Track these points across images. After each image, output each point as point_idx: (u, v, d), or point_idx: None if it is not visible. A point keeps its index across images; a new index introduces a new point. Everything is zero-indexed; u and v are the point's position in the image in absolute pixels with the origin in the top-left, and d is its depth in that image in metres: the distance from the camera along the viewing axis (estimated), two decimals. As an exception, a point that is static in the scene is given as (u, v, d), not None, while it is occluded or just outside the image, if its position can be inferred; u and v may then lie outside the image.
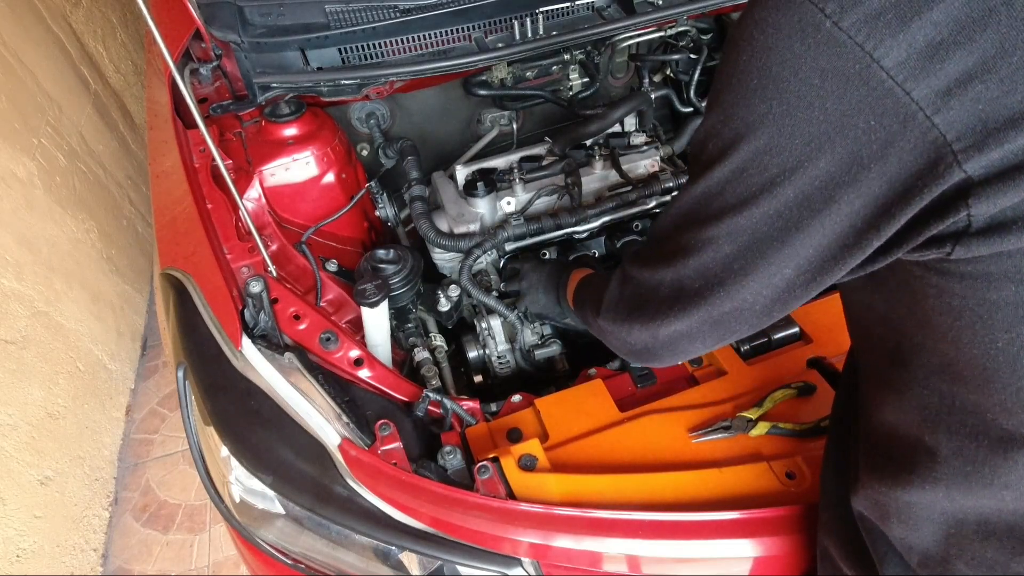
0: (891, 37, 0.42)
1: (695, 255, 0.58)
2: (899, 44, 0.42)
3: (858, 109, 0.44)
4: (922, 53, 0.41)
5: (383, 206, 1.47)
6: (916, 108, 0.43)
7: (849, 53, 0.43)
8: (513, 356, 1.29)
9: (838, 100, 0.45)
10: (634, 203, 1.33)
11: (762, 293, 0.57)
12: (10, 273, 1.82)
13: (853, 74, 0.43)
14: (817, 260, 0.53)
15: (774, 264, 0.54)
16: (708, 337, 0.63)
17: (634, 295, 0.68)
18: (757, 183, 0.51)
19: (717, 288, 0.58)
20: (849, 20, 0.43)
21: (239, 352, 0.98)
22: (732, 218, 0.54)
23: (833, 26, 0.43)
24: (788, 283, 0.55)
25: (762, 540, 0.83)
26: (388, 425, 0.93)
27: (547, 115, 1.70)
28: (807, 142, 0.47)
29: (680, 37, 1.52)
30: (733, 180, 0.53)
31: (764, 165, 0.50)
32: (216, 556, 1.97)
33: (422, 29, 1.32)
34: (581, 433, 0.96)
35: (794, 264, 0.54)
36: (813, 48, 0.44)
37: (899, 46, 0.42)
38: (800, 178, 0.49)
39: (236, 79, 1.37)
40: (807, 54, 0.45)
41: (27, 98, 2.08)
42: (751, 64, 0.49)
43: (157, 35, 0.85)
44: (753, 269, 0.55)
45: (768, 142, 0.49)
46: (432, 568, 0.89)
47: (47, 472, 1.83)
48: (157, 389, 2.44)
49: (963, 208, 0.44)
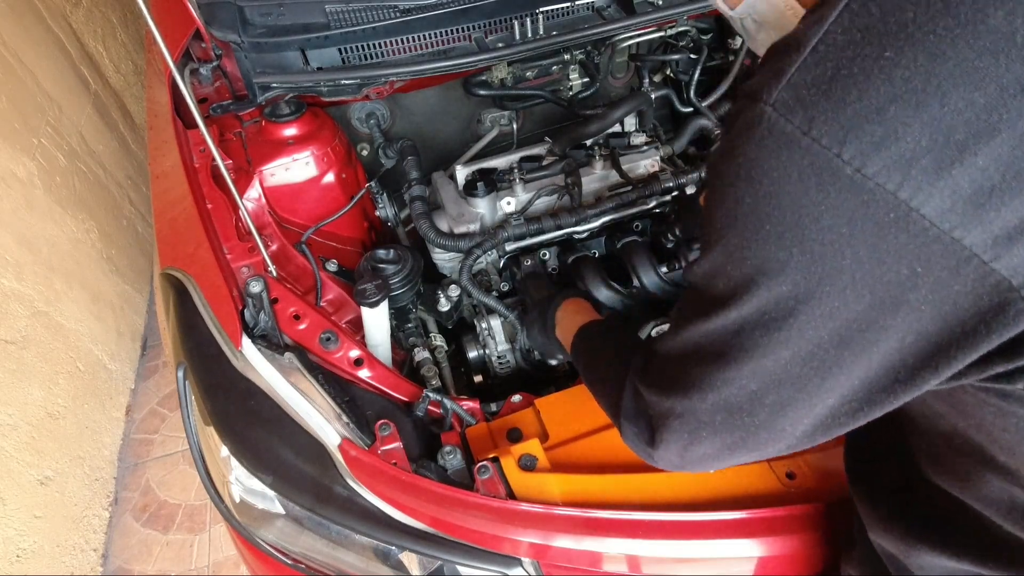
0: (929, 184, 0.36)
1: (713, 392, 0.51)
2: (940, 191, 0.36)
3: (898, 256, 0.39)
4: (970, 200, 0.36)
5: (383, 206, 1.47)
6: (971, 254, 0.37)
7: (880, 201, 0.37)
8: (513, 356, 1.29)
9: (872, 248, 0.39)
10: (634, 203, 1.32)
11: (802, 422, 0.50)
12: (10, 273, 1.82)
13: (888, 222, 0.38)
14: (864, 392, 0.47)
15: (814, 396, 0.48)
16: (739, 456, 0.56)
17: (649, 417, 0.60)
18: (783, 327, 0.45)
19: (744, 422, 0.51)
20: (875, 166, 0.37)
21: (239, 352, 0.98)
22: (756, 360, 0.48)
23: (856, 172, 0.37)
24: (831, 411, 0.49)
25: (762, 540, 0.83)
26: (388, 425, 0.93)
27: (547, 115, 1.70)
28: (840, 289, 0.41)
29: (680, 37, 1.52)
30: (753, 323, 0.46)
31: (790, 310, 0.44)
32: (216, 556, 1.97)
33: (422, 29, 1.32)
34: (581, 433, 0.96)
35: (838, 395, 0.47)
36: (835, 196, 0.38)
37: (940, 193, 0.36)
38: (834, 321, 0.43)
39: (236, 79, 1.37)
40: (827, 202, 0.39)
41: (27, 98, 2.08)
42: (759, 209, 0.42)
43: (157, 35, 0.85)
44: (790, 403, 0.49)
45: (793, 288, 0.43)
46: (432, 568, 0.89)
47: (47, 472, 1.83)
48: (157, 389, 2.44)
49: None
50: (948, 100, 0.35)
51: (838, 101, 0.38)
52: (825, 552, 0.84)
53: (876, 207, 0.38)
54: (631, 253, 1.29)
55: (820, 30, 0.39)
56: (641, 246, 1.30)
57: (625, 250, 1.30)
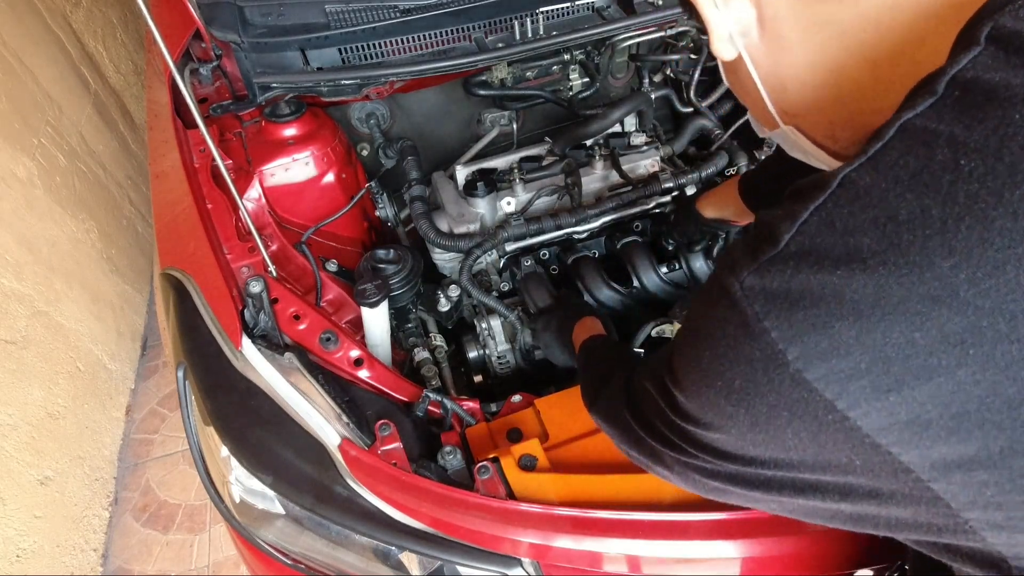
0: (866, 403, 0.37)
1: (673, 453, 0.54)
2: (877, 411, 0.37)
3: (836, 448, 0.39)
4: (906, 426, 0.37)
5: (383, 206, 1.47)
6: (908, 468, 0.38)
7: (819, 403, 0.38)
8: (513, 356, 1.29)
9: (812, 436, 0.40)
10: (634, 203, 1.33)
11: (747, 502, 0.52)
12: (10, 273, 1.82)
13: (827, 421, 0.38)
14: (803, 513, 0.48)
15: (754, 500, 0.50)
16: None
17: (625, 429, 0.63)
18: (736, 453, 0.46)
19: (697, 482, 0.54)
20: (815, 374, 0.38)
21: (239, 352, 0.98)
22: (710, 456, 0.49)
23: (797, 373, 0.38)
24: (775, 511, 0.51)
25: (762, 541, 0.83)
26: (388, 425, 0.93)
27: (547, 115, 1.70)
28: (786, 451, 0.42)
29: (680, 37, 1.52)
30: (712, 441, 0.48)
31: (742, 447, 0.45)
32: (216, 556, 1.97)
33: (422, 29, 1.32)
34: (581, 433, 0.96)
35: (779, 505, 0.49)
36: (778, 384, 0.39)
37: (877, 413, 0.37)
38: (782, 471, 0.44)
39: (236, 79, 1.37)
40: (771, 386, 0.40)
41: (27, 98, 2.08)
42: (713, 371, 0.44)
43: (157, 35, 0.85)
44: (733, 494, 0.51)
45: (743, 435, 0.44)
46: (432, 568, 0.89)
47: (47, 472, 1.83)
48: (157, 389, 2.44)
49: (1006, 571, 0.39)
50: (890, 334, 0.36)
51: (793, 303, 0.38)
52: (825, 552, 0.84)
53: (815, 406, 0.38)
54: (631, 253, 1.29)
55: (792, 228, 0.39)
56: (641, 246, 1.30)
57: (625, 250, 1.30)
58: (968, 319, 0.34)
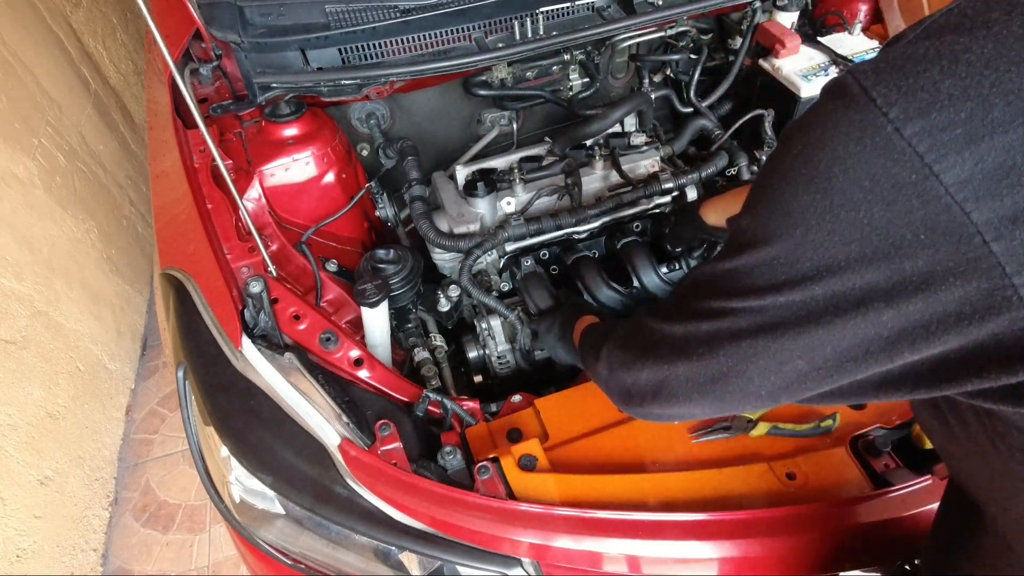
0: (956, 153, 0.39)
1: (708, 321, 0.56)
2: (964, 161, 0.39)
3: (907, 220, 0.42)
4: (989, 175, 0.39)
5: (383, 206, 1.47)
6: (974, 231, 0.40)
7: (907, 161, 0.41)
8: (513, 356, 1.29)
9: (886, 207, 0.42)
10: (634, 203, 1.33)
11: (768, 378, 0.54)
12: (10, 273, 1.82)
13: (908, 184, 0.41)
14: (835, 359, 0.50)
15: (786, 351, 0.51)
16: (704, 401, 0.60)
17: (643, 339, 0.66)
18: (786, 274, 0.49)
19: (723, 358, 0.56)
20: (912, 129, 0.40)
21: (239, 352, 0.98)
22: (753, 299, 0.51)
23: (894, 131, 0.41)
24: (800, 375, 0.52)
25: (762, 541, 0.83)
26: (388, 425, 0.93)
27: (547, 115, 1.70)
28: (846, 244, 0.45)
29: (680, 37, 1.52)
30: (763, 266, 0.51)
31: (797, 258, 0.48)
32: (216, 556, 1.97)
33: (422, 29, 1.32)
34: (581, 433, 0.96)
35: (808, 358, 0.51)
36: (870, 150, 0.42)
37: (964, 163, 0.39)
38: (833, 279, 0.46)
39: (236, 79, 1.37)
40: (861, 154, 0.42)
41: (27, 98, 2.08)
42: (802, 155, 0.47)
43: (157, 35, 0.85)
44: (763, 351, 0.52)
45: (805, 236, 0.47)
46: (432, 568, 0.89)
47: (47, 472, 1.83)
48: (157, 389, 2.44)
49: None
50: (999, 82, 0.39)
51: (906, 73, 0.42)
52: (825, 552, 0.84)
53: (901, 167, 0.41)
54: (631, 253, 1.29)
55: (922, 25, 0.43)
56: (641, 247, 1.30)
57: (625, 250, 1.30)
58: None
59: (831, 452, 0.90)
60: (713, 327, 0.56)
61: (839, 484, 0.87)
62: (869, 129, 0.42)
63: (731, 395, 0.57)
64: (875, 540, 0.84)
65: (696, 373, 0.58)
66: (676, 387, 0.61)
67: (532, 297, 1.23)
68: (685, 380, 0.60)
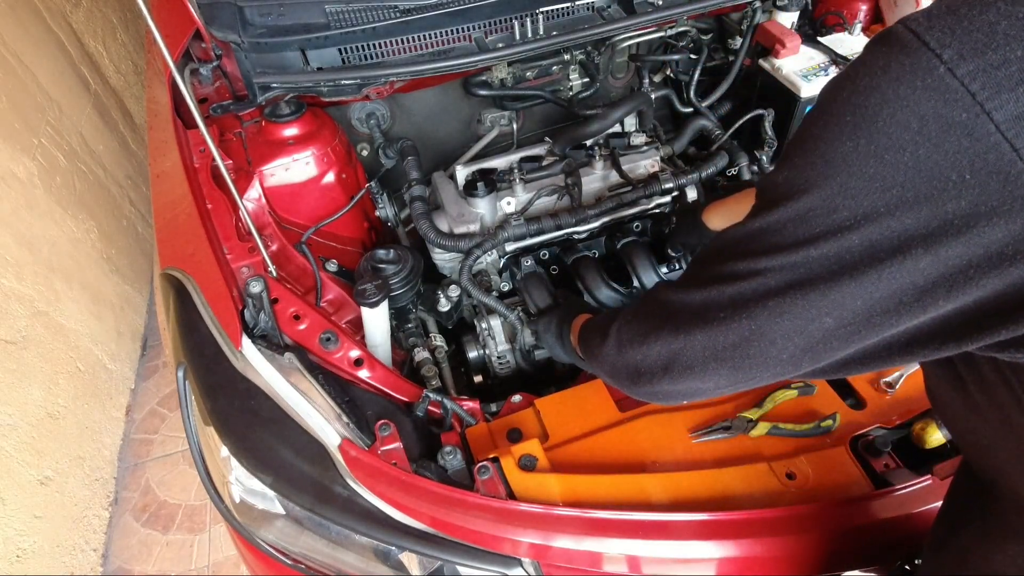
0: (1009, 91, 0.39)
1: (733, 284, 0.55)
2: (1018, 98, 0.39)
3: (955, 160, 0.41)
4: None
5: (383, 206, 1.47)
6: (1022, 167, 0.40)
7: (959, 100, 0.41)
8: (513, 356, 1.29)
9: (934, 148, 0.42)
10: (634, 203, 1.32)
11: (792, 339, 0.53)
12: (10, 273, 1.82)
13: (958, 123, 0.41)
14: (865, 313, 0.49)
15: (813, 308, 0.50)
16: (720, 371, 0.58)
17: (658, 310, 0.64)
18: (822, 225, 0.48)
19: (746, 321, 0.54)
20: (966, 68, 0.40)
21: (239, 352, 0.98)
22: (784, 255, 0.50)
23: (947, 72, 0.41)
24: (826, 334, 0.51)
25: (762, 540, 0.83)
26: (388, 425, 0.93)
27: (547, 115, 1.70)
28: (887, 189, 0.44)
29: (680, 37, 1.52)
30: (796, 220, 0.50)
31: (834, 207, 0.47)
32: (216, 556, 1.97)
33: (422, 29, 1.32)
34: (581, 433, 0.96)
35: (836, 315, 0.50)
36: (920, 91, 0.42)
37: (1018, 100, 0.39)
38: (871, 227, 0.46)
39: (236, 79, 1.37)
40: (911, 96, 0.42)
41: (27, 98, 2.08)
42: (848, 102, 0.46)
43: (157, 35, 0.85)
44: (790, 309, 0.51)
45: (844, 184, 0.46)
46: (432, 568, 0.89)
47: (47, 472, 1.83)
48: (157, 389, 2.44)
49: None
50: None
51: (960, 16, 0.42)
52: (825, 552, 0.84)
53: (952, 106, 0.41)
54: (631, 253, 1.29)
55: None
56: (641, 246, 1.30)
57: (625, 250, 1.30)
58: None
59: (831, 452, 0.90)
60: (738, 290, 0.54)
61: (839, 484, 0.87)
62: (921, 71, 0.42)
63: (750, 361, 0.56)
64: (875, 540, 0.84)
65: (715, 340, 0.57)
66: (691, 357, 0.59)
67: (531, 296, 1.23)
68: (702, 349, 0.58)
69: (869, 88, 0.45)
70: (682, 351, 0.60)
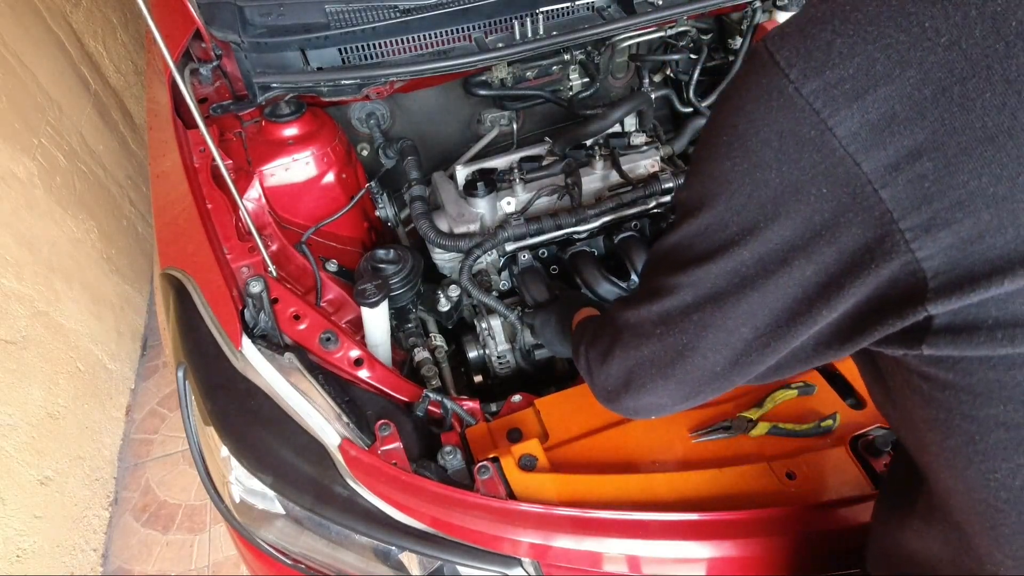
0: (846, 107, 0.42)
1: (660, 300, 0.58)
2: (853, 115, 0.42)
3: (812, 176, 0.45)
4: (874, 126, 0.42)
5: (383, 206, 1.47)
6: (865, 180, 0.42)
7: (806, 119, 0.43)
8: (513, 356, 1.29)
9: (793, 164, 0.45)
10: (634, 203, 1.32)
11: (720, 352, 0.56)
12: (10, 273, 1.82)
13: (808, 140, 0.44)
14: (772, 324, 0.52)
15: (730, 320, 0.54)
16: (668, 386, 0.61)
17: (610, 330, 0.67)
18: (719, 240, 0.52)
19: (679, 334, 0.57)
20: (810, 87, 0.43)
21: (239, 352, 0.98)
22: (694, 270, 0.54)
23: (795, 91, 0.44)
24: (747, 345, 0.54)
25: (762, 540, 0.83)
26: (388, 425, 0.93)
27: (547, 115, 1.70)
28: (763, 204, 0.48)
29: (680, 37, 1.52)
30: (700, 235, 0.53)
31: (725, 224, 0.51)
32: (216, 556, 1.97)
33: (422, 29, 1.32)
34: (581, 433, 0.96)
35: (751, 325, 0.53)
36: (775, 111, 0.45)
37: (852, 117, 0.42)
38: (756, 240, 0.49)
39: (236, 79, 1.37)
40: (769, 116, 0.46)
41: (27, 98, 2.08)
42: (724, 123, 0.50)
43: (157, 35, 0.85)
44: (711, 322, 0.55)
45: (729, 202, 0.50)
46: (432, 568, 0.89)
47: (47, 472, 1.83)
48: (157, 389, 2.44)
49: (920, 303, 0.43)
50: (880, 37, 0.41)
51: (805, 35, 0.44)
52: (825, 552, 0.84)
53: (801, 124, 0.44)
54: (629, 248, 1.29)
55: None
56: (639, 241, 1.30)
57: (623, 245, 1.30)
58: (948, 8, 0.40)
59: (831, 452, 0.90)
60: (665, 305, 0.58)
61: (839, 484, 0.87)
62: (775, 91, 0.45)
63: (691, 375, 0.59)
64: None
65: (657, 355, 0.60)
66: (642, 374, 0.62)
67: (529, 291, 1.23)
68: (649, 365, 0.61)
69: (737, 108, 0.48)
70: (635, 368, 0.63)
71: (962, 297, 0.41)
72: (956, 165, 0.40)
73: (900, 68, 0.41)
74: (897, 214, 0.42)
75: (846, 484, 0.87)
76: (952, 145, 0.40)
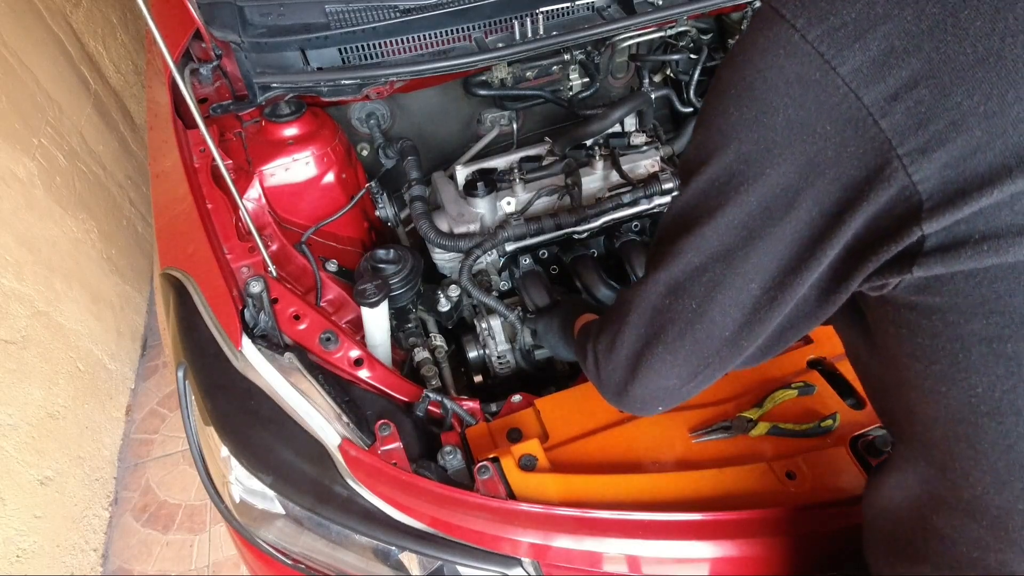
0: (848, 47, 0.45)
1: (665, 267, 0.59)
2: (855, 53, 0.45)
3: (817, 115, 0.47)
4: (874, 61, 0.45)
5: (383, 206, 1.47)
6: (866, 113, 0.45)
7: (812, 61, 0.47)
8: (513, 356, 1.29)
9: (799, 106, 0.48)
10: (634, 203, 1.32)
11: (730, 313, 0.57)
12: (10, 273, 1.82)
13: (814, 81, 0.47)
14: (778, 273, 0.54)
15: (739, 278, 0.55)
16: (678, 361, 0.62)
17: (619, 314, 0.67)
18: (726, 192, 0.53)
19: (687, 300, 0.58)
20: (815, 33, 0.46)
21: (239, 352, 0.98)
22: (701, 229, 0.56)
23: (801, 38, 0.47)
24: (755, 302, 0.56)
25: (762, 540, 0.83)
26: (388, 425, 0.93)
27: (547, 115, 1.70)
28: (769, 148, 0.50)
29: (680, 37, 1.52)
30: (707, 190, 0.55)
31: (732, 172, 0.53)
32: (216, 556, 1.97)
33: (422, 29, 1.32)
34: (581, 433, 0.96)
35: (759, 279, 0.55)
36: (782, 58, 0.48)
37: (855, 55, 0.45)
38: (762, 185, 0.51)
39: (236, 79, 1.37)
40: (776, 63, 0.49)
41: (27, 98, 2.08)
42: (731, 77, 0.52)
43: (157, 35, 0.85)
44: (720, 282, 0.56)
45: (737, 150, 0.52)
46: (432, 568, 0.89)
47: (47, 472, 1.83)
48: (157, 389, 2.44)
49: (916, 223, 0.45)
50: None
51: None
52: (825, 552, 0.84)
53: (807, 67, 0.47)
54: (629, 252, 1.29)
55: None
56: (640, 245, 1.30)
57: (624, 249, 1.30)
58: None
59: (831, 452, 0.90)
60: (673, 272, 0.59)
61: (839, 484, 0.87)
62: (781, 41, 0.48)
63: (700, 345, 0.60)
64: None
65: (666, 328, 0.61)
66: (649, 354, 0.63)
67: (530, 295, 1.23)
68: (657, 342, 0.62)
69: (744, 62, 0.51)
70: (643, 350, 0.63)
71: (955, 212, 0.44)
72: (950, 88, 0.43)
73: (899, 7, 0.44)
74: (895, 141, 0.45)
75: (846, 484, 0.87)
76: (946, 71, 0.43)
